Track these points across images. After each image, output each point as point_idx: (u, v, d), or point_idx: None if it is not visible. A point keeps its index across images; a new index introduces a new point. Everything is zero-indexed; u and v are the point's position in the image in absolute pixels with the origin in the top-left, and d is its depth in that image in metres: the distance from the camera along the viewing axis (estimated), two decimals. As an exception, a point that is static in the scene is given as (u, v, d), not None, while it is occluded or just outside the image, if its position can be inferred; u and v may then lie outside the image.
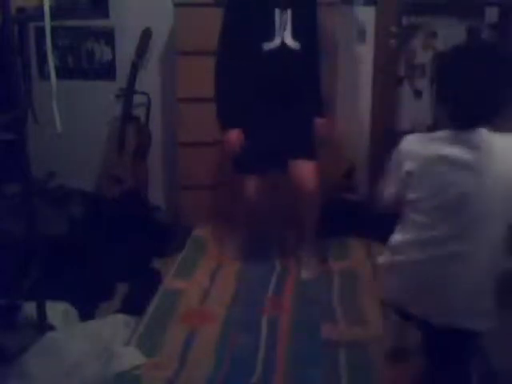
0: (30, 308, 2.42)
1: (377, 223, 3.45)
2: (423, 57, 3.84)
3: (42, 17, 2.31)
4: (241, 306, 2.77)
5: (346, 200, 3.67)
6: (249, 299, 2.82)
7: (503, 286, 1.89)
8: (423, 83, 3.88)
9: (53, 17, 2.35)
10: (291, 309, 2.74)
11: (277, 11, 2.79)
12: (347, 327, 2.58)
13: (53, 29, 2.35)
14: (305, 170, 2.89)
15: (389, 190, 1.92)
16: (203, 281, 3.01)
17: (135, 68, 3.61)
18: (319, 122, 2.99)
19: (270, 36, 2.79)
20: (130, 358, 2.33)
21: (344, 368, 2.29)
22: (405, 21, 3.77)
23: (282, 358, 2.36)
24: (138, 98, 3.70)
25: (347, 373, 2.27)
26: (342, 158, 3.76)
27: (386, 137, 3.79)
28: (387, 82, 3.81)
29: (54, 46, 3.41)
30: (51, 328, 2.42)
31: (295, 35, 2.83)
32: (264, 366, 2.30)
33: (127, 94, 3.64)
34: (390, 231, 1.96)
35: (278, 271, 3.12)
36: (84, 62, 3.81)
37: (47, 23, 2.25)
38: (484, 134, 1.71)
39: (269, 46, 2.80)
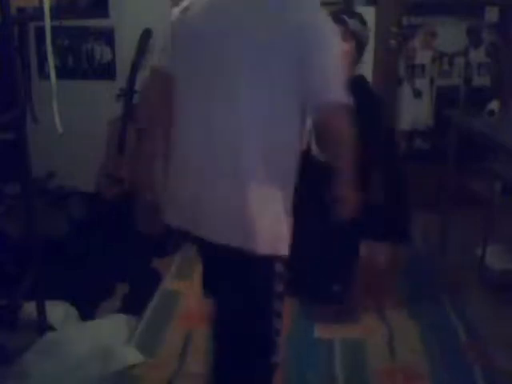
0: (30, 308, 2.42)
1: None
2: (423, 57, 3.84)
3: (42, 17, 2.31)
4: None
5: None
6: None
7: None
8: (423, 83, 3.88)
9: (53, 17, 2.35)
10: (289, 308, 2.74)
11: None
12: (345, 327, 2.59)
13: (53, 29, 2.36)
14: None
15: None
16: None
17: (135, 68, 3.61)
18: None
19: None
20: (129, 357, 2.34)
21: (340, 367, 2.31)
22: (405, 21, 3.77)
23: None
24: (138, 98, 3.70)
25: (343, 371, 2.28)
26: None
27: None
28: (387, 81, 3.81)
29: (54, 45, 3.42)
30: (51, 328, 2.42)
31: None
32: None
33: (127, 94, 3.64)
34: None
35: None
36: (84, 62, 3.81)
37: (47, 23, 2.25)
38: None
39: None
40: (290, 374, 2.27)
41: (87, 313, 2.66)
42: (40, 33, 3.60)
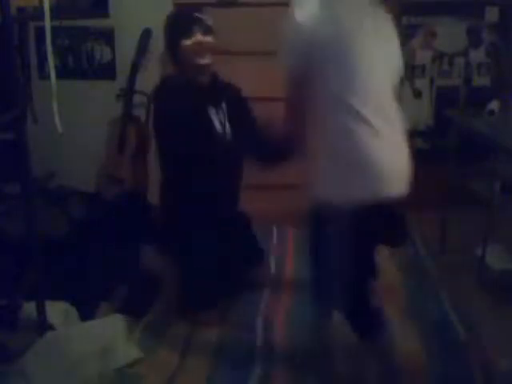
0: (30, 308, 2.42)
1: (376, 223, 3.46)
2: (423, 57, 3.84)
3: (42, 17, 2.31)
4: (240, 305, 2.77)
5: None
6: (248, 299, 2.82)
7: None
8: (423, 83, 3.88)
9: (53, 17, 2.35)
10: (290, 308, 2.75)
11: (212, 110, 2.62)
12: (345, 327, 2.58)
13: (53, 29, 2.36)
14: None
15: None
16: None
17: (135, 68, 3.61)
18: None
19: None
20: (130, 353, 2.35)
21: (339, 366, 2.31)
22: (405, 21, 3.77)
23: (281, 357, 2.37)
24: (138, 98, 3.70)
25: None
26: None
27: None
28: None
29: (54, 45, 3.42)
30: (51, 328, 2.42)
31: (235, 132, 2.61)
32: (264, 365, 2.30)
33: (127, 94, 3.64)
34: (391, 231, 1.96)
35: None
36: (84, 62, 3.82)
37: (47, 23, 2.25)
38: None
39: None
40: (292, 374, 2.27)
41: (87, 313, 2.66)
42: (40, 33, 3.61)
